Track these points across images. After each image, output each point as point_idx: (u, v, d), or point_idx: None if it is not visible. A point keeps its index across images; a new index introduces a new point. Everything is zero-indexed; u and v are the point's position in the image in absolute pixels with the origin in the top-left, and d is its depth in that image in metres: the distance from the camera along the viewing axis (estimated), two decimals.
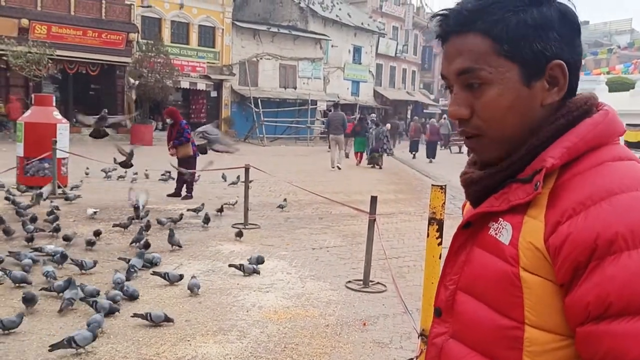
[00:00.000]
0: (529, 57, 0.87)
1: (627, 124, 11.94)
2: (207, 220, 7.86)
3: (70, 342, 3.63)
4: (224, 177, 12.53)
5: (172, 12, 28.88)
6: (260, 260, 5.92)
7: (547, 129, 0.88)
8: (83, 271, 5.45)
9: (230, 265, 5.84)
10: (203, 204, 8.89)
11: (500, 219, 0.88)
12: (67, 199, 9.13)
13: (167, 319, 4.26)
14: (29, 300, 4.30)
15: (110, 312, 4.32)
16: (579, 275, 0.78)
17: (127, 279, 5.30)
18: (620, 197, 0.79)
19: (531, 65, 0.87)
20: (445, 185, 3.00)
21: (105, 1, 25.32)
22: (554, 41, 0.87)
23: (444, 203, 2.95)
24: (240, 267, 5.71)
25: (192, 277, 5.14)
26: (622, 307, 0.74)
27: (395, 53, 45.77)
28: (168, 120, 10.88)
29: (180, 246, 6.57)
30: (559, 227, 0.80)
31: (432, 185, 3.01)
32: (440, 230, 2.90)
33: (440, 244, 2.88)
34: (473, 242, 0.93)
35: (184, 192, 10.39)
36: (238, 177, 11.41)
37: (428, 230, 2.92)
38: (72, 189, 10.38)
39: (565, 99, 0.90)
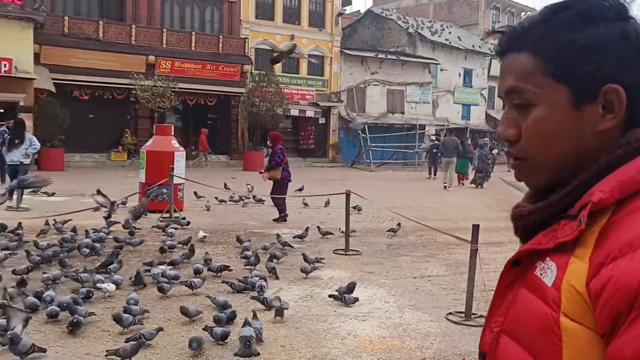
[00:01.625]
0: (578, 79, 0.81)
1: None
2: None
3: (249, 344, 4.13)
4: (305, 203, 12.78)
5: (284, 44, 30.06)
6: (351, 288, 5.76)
7: (601, 161, 0.81)
8: (193, 291, 5.71)
9: (330, 296, 5.74)
10: (307, 229, 9.02)
11: (547, 258, 0.82)
12: (179, 224, 9.63)
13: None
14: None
15: (222, 338, 4.44)
16: (620, 325, 0.70)
17: (260, 299, 5.42)
18: None
19: (582, 88, 0.81)
20: None
21: (222, 36, 26.96)
22: (611, 63, 0.80)
23: None
24: (341, 298, 5.62)
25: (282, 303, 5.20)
26: None
27: None
28: (268, 143, 11.39)
29: (275, 276, 6.52)
30: (602, 269, 0.73)
31: None
32: None
33: None
34: (521, 282, 0.86)
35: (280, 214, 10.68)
36: (357, 207, 11.63)
37: None
38: (208, 209, 11.22)
39: (629, 128, 0.82)
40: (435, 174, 23.21)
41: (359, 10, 43.66)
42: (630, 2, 0.83)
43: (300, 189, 14.00)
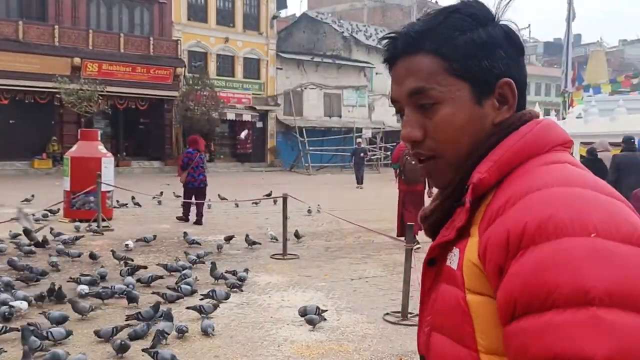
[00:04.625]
0: (478, 75, 0.87)
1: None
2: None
3: None
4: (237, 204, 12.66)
5: (218, 46, 29.63)
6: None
7: (481, 147, 0.87)
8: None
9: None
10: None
11: (454, 247, 0.85)
12: (95, 232, 9.27)
13: None
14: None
15: None
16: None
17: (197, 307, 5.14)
18: (536, 194, 0.75)
19: (481, 84, 0.87)
20: None
21: (153, 38, 26.22)
22: (502, 59, 0.87)
23: None
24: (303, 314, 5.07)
25: (204, 318, 4.94)
26: (525, 305, 0.70)
27: None
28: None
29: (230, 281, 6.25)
30: (484, 234, 0.78)
31: None
32: None
33: None
34: (440, 278, 0.88)
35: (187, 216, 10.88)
36: (317, 206, 11.70)
37: None
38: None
39: None
40: (362, 182, 21.03)
41: (295, 14, 43.70)
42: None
43: (269, 194, 13.44)
